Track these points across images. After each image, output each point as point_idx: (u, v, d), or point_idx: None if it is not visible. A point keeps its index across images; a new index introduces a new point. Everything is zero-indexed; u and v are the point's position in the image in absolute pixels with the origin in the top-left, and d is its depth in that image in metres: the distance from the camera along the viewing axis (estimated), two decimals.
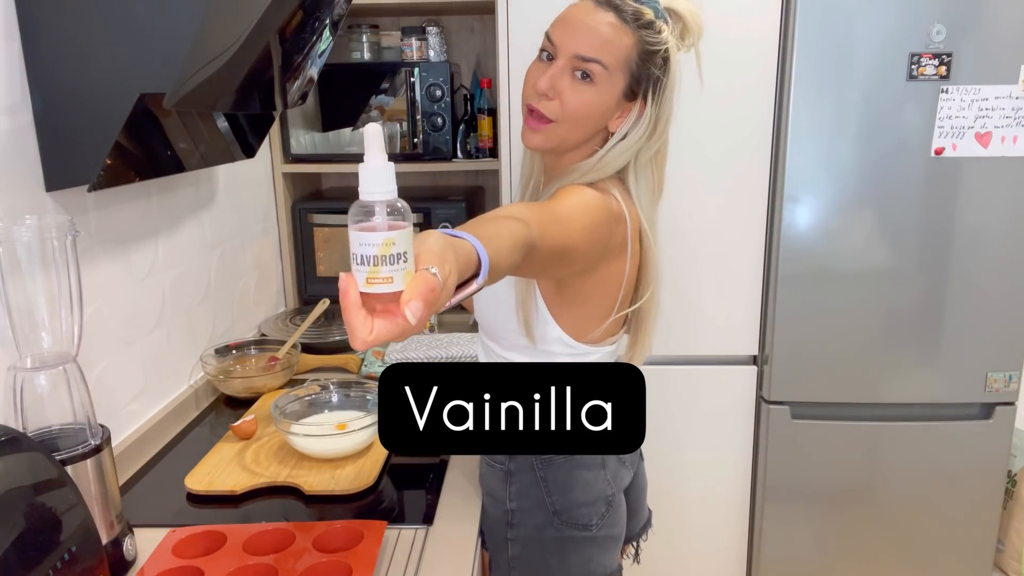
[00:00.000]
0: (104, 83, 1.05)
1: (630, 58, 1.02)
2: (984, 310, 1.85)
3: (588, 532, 1.13)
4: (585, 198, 0.99)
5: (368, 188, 0.54)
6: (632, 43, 1.02)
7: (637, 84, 1.04)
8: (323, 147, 2.12)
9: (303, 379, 1.71)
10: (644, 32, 1.02)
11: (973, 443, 1.93)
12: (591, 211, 0.97)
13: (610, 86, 1.02)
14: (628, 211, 1.03)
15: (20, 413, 0.92)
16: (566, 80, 1.02)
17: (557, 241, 0.87)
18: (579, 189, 1.01)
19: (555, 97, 1.02)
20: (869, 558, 2.02)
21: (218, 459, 1.30)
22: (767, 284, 1.89)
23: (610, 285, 1.06)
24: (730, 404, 1.97)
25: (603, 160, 1.05)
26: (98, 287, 1.26)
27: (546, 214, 0.89)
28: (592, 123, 1.05)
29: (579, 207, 0.97)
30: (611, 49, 1.01)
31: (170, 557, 1.00)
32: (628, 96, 1.04)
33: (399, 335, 0.55)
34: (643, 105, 1.04)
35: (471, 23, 2.30)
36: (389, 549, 1.06)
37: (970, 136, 1.75)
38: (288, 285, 2.21)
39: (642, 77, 1.03)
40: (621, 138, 1.05)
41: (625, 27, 1.01)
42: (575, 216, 0.94)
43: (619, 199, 1.03)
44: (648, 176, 1.07)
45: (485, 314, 1.14)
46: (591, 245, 0.96)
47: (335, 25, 1.54)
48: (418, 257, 0.56)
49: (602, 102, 1.03)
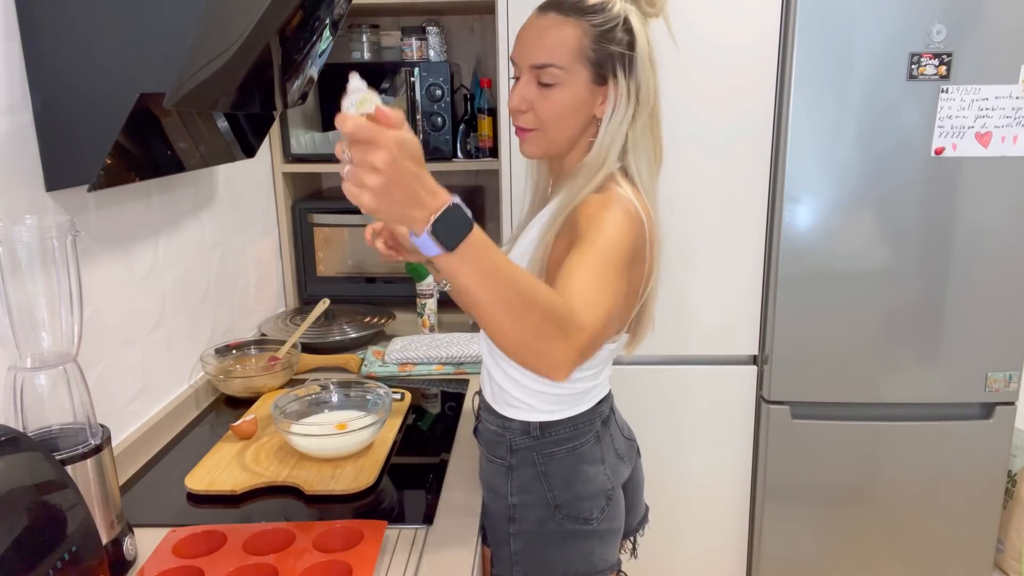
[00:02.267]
0: (104, 83, 1.06)
1: (583, 48, 1.03)
2: (984, 310, 1.85)
3: (589, 526, 1.14)
4: (619, 257, 0.94)
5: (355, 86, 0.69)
6: (580, 33, 1.03)
7: (601, 68, 1.04)
8: (323, 147, 2.12)
9: (303, 379, 1.71)
10: (589, 17, 1.03)
11: (973, 443, 1.93)
12: (628, 260, 0.97)
13: (574, 82, 1.04)
14: (641, 206, 1.03)
15: (20, 413, 0.93)
16: (532, 91, 1.06)
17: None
18: (611, 247, 0.94)
19: (528, 109, 1.07)
20: (869, 558, 2.02)
21: (218, 459, 1.30)
22: (767, 284, 1.89)
23: (631, 290, 1.07)
24: (730, 404, 1.97)
25: (600, 151, 1.06)
26: (98, 287, 1.26)
27: (603, 316, 0.88)
28: (573, 120, 1.06)
29: (619, 271, 0.94)
30: (558, 49, 1.03)
31: (170, 557, 1.00)
32: (598, 82, 1.05)
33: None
34: (615, 84, 1.05)
35: (471, 23, 2.30)
36: (389, 549, 1.06)
37: (970, 136, 1.75)
38: (288, 285, 2.21)
39: (603, 60, 1.03)
40: (607, 123, 1.06)
41: (568, 20, 1.03)
42: (620, 287, 0.94)
43: (631, 198, 1.03)
44: (646, 147, 1.08)
45: None
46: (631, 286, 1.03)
47: (335, 25, 1.54)
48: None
49: (572, 99, 1.05)
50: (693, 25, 1.74)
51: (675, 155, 1.76)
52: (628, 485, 1.24)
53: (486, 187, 2.40)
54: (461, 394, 1.63)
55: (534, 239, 1.09)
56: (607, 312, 0.88)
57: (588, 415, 1.15)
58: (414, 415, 1.53)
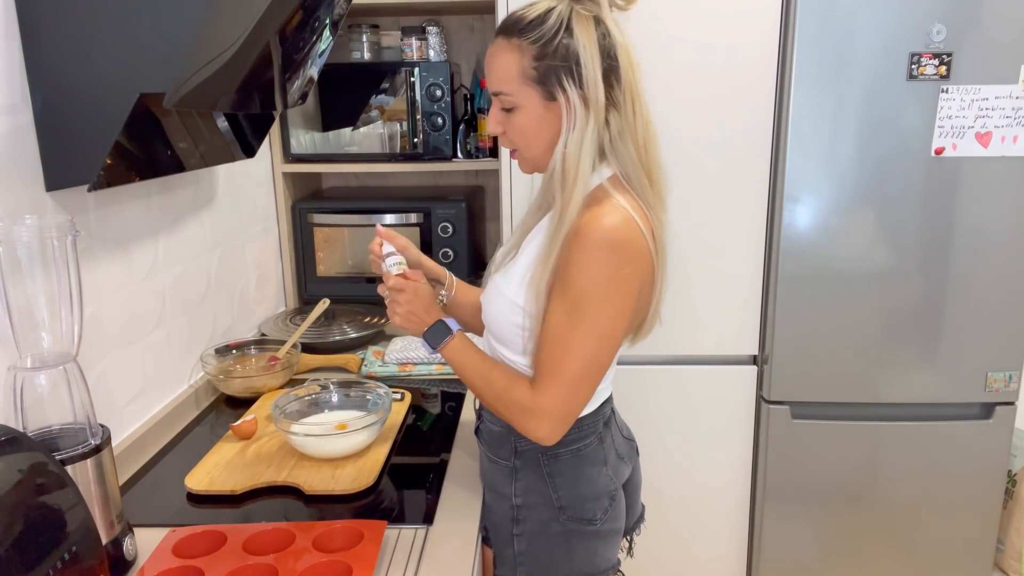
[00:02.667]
0: (104, 83, 1.06)
1: (524, 70, 1.02)
2: (984, 310, 1.85)
3: (593, 526, 1.14)
4: (620, 308, 1.03)
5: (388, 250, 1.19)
6: (519, 55, 1.02)
7: (546, 86, 1.02)
8: (323, 147, 2.12)
9: (303, 379, 1.71)
10: (527, 35, 1.01)
11: (973, 443, 1.93)
12: (611, 301, 1.01)
13: (527, 104, 1.04)
14: (638, 215, 1.02)
15: (20, 413, 0.93)
16: (500, 116, 1.08)
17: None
18: (586, 307, 1.00)
19: (503, 132, 1.10)
20: (869, 558, 2.02)
21: (218, 459, 1.30)
22: (767, 284, 1.89)
23: (641, 302, 1.08)
24: (730, 404, 1.97)
25: (560, 167, 1.03)
26: (98, 287, 1.26)
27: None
28: (540, 139, 1.06)
29: (593, 324, 1.02)
30: (504, 75, 1.04)
31: (170, 557, 1.00)
32: (549, 98, 1.03)
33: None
34: (565, 97, 1.01)
35: (471, 23, 2.30)
36: (389, 549, 1.06)
37: (970, 136, 1.75)
38: (288, 285, 2.21)
39: (547, 78, 1.01)
40: (564, 139, 1.03)
41: (510, 43, 1.03)
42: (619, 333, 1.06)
43: (625, 206, 1.01)
44: (628, 150, 1.04)
45: (494, 319, 1.13)
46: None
47: (335, 25, 1.54)
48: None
49: (532, 120, 1.05)
50: (693, 25, 1.74)
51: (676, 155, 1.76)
52: (627, 485, 1.25)
53: (486, 187, 2.40)
54: (461, 394, 1.63)
55: (532, 260, 1.07)
56: (572, 385, 1.04)
57: (592, 417, 1.15)
58: (414, 415, 1.53)
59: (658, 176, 1.09)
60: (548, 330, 1.03)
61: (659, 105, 1.13)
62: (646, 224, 1.03)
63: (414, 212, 2.09)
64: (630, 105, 1.04)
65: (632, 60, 1.04)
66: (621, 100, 1.03)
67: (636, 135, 1.05)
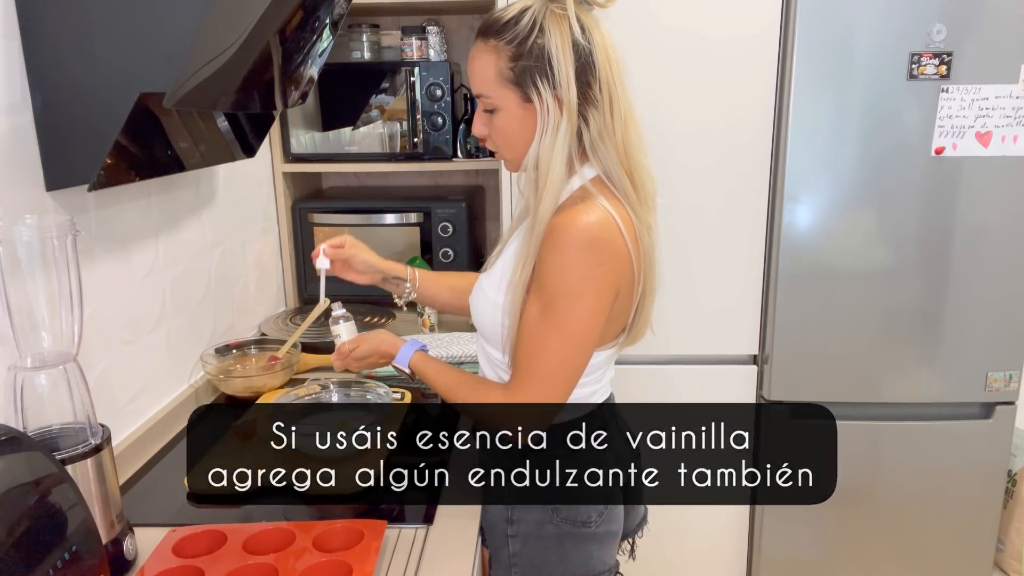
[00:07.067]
0: (104, 83, 1.05)
1: (501, 72, 1.02)
2: (984, 310, 1.85)
3: (588, 529, 1.14)
4: (594, 308, 1.02)
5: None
6: (495, 56, 1.02)
7: (522, 87, 1.02)
8: (323, 147, 2.12)
9: (303, 379, 1.71)
10: (502, 36, 1.01)
11: (973, 443, 1.93)
12: (586, 300, 1.01)
13: (506, 106, 1.04)
14: (619, 216, 1.01)
15: (20, 413, 0.93)
16: (484, 119, 1.08)
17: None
18: (581, 303, 1.01)
19: (487, 134, 1.09)
20: (869, 558, 2.02)
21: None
22: (767, 284, 1.89)
23: (619, 305, 1.06)
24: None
25: (534, 168, 1.02)
26: (98, 287, 1.26)
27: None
28: (521, 140, 1.05)
29: (590, 327, 1.03)
30: (483, 78, 1.04)
31: (170, 557, 1.00)
32: (525, 99, 1.02)
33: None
34: (539, 98, 1.01)
35: (471, 22, 2.30)
36: (389, 549, 1.06)
37: (970, 136, 1.75)
38: (288, 285, 2.21)
39: (522, 80, 1.01)
40: (538, 140, 1.02)
41: (488, 45, 1.03)
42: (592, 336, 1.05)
43: (607, 207, 1.00)
44: (607, 151, 1.03)
45: (480, 320, 1.14)
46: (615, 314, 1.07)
47: (335, 25, 1.54)
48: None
49: (512, 121, 1.05)
50: (693, 26, 1.74)
51: (675, 154, 1.76)
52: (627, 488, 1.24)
53: (486, 187, 2.40)
54: None
55: (512, 259, 1.07)
56: (545, 383, 1.03)
57: (588, 418, 1.15)
58: (414, 415, 1.53)
59: (641, 178, 1.06)
60: (523, 328, 1.03)
61: (654, 98, 1.12)
62: (628, 226, 1.02)
63: (414, 212, 2.09)
64: (607, 104, 1.02)
65: (611, 58, 1.02)
66: (599, 99, 1.02)
67: (615, 135, 1.03)
